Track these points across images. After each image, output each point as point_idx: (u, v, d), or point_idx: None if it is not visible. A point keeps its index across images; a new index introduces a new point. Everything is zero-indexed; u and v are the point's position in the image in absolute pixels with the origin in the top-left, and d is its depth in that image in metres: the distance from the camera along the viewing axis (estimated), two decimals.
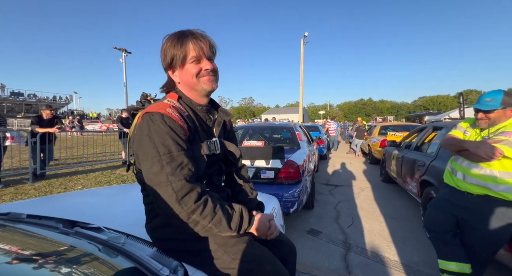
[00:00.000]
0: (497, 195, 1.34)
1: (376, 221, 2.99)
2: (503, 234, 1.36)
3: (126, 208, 1.23)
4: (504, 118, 1.38)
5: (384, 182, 4.82)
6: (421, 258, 2.15)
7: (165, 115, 0.70)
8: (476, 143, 1.35)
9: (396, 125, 8.67)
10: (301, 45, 17.02)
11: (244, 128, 5.01)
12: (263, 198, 1.73)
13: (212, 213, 0.68)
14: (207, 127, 0.85)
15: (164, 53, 0.78)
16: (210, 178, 0.86)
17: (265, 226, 0.83)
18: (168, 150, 0.68)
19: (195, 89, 0.80)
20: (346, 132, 15.51)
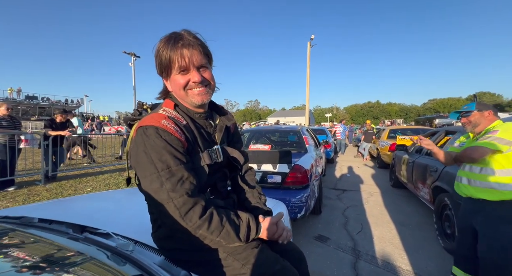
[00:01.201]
0: (500, 197, 1.36)
1: (386, 228, 2.90)
2: (506, 236, 1.33)
3: (134, 212, 1.23)
4: (486, 121, 1.51)
5: (394, 187, 4.70)
6: (435, 267, 2.06)
7: (159, 128, 0.67)
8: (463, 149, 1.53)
9: (406, 128, 8.48)
10: (307, 48, 16.99)
11: (251, 131, 5.01)
12: (270, 204, 1.70)
13: (220, 227, 0.66)
14: (207, 134, 0.82)
15: (155, 58, 0.73)
16: (214, 186, 0.84)
17: (273, 230, 0.80)
18: (167, 166, 0.65)
19: (185, 100, 0.77)
20: (354, 135, 15.29)
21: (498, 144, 1.34)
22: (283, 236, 0.82)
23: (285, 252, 0.89)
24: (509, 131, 1.35)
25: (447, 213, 2.38)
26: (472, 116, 1.54)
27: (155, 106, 0.85)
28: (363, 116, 63.31)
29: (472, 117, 1.54)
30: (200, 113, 0.81)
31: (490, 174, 1.39)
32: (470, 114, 1.54)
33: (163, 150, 0.65)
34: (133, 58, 18.29)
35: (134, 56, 18.26)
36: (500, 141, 1.34)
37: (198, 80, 0.72)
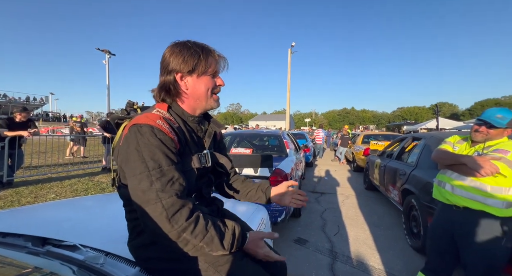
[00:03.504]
0: (484, 209, 1.37)
1: (361, 229, 3.04)
2: (495, 250, 1.36)
3: (107, 221, 1.14)
4: (499, 136, 1.44)
5: (368, 189, 4.96)
6: (404, 265, 2.20)
7: (155, 127, 0.66)
8: (474, 159, 1.36)
9: (378, 134, 9.06)
10: (288, 55, 17.47)
11: (232, 135, 4.97)
12: (251, 209, 1.70)
13: (204, 231, 0.64)
14: (198, 138, 0.82)
15: (182, 57, 0.73)
16: (199, 191, 0.83)
17: (259, 246, 0.79)
18: (158, 165, 0.64)
19: (201, 102, 0.79)
20: (331, 140, 15.94)
21: (507, 167, 1.30)
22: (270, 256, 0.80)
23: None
24: None
25: (414, 213, 2.57)
26: (496, 131, 1.41)
27: (145, 108, 0.85)
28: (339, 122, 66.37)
29: (495, 132, 1.41)
30: (194, 117, 0.81)
31: (479, 188, 1.38)
32: (496, 128, 1.40)
33: (157, 149, 0.65)
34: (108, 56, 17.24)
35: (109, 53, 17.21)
36: (510, 164, 1.30)
37: (224, 85, 0.82)
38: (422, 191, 2.41)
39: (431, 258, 1.67)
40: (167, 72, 0.75)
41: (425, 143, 2.84)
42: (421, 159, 2.74)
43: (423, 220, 2.31)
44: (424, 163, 2.66)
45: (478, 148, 1.48)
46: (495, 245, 1.35)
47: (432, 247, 1.67)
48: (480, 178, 1.37)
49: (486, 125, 1.43)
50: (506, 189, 1.35)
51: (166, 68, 0.75)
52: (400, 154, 3.60)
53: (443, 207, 1.62)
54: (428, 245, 1.72)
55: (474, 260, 1.41)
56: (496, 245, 1.35)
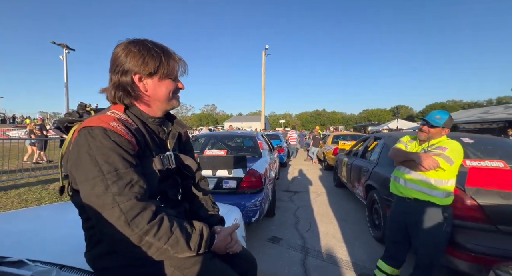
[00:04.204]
0: (430, 199, 1.58)
1: (331, 224, 3.22)
2: (439, 234, 1.55)
3: (61, 232, 1.04)
4: (439, 135, 1.65)
5: (337, 187, 5.27)
6: (368, 255, 2.39)
7: (108, 129, 0.63)
8: (420, 155, 1.57)
9: (347, 134, 9.69)
10: (262, 57, 17.76)
11: (207, 136, 4.88)
12: (225, 210, 1.69)
13: (169, 233, 0.63)
14: (159, 140, 0.80)
15: (142, 58, 0.70)
16: (164, 193, 0.80)
17: (227, 241, 0.81)
18: (114, 168, 0.61)
19: (162, 104, 0.77)
20: (304, 140, 16.56)
21: (445, 162, 1.51)
22: (234, 248, 0.83)
23: (238, 257, 0.90)
24: (456, 152, 1.54)
25: (375, 207, 2.81)
26: (435, 130, 1.62)
27: (99, 110, 0.80)
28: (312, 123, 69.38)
29: (435, 131, 1.63)
30: (155, 118, 0.79)
31: (426, 181, 1.57)
32: (435, 128, 1.62)
33: (111, 151, 0.62)
34: (65, 51, 15.56)
35: (67, 48, 15.54)
36: (448, 159, 1.51)
37: (184, 88, 0.83)
38: (382, 186, 2.64)
39: (389, 246, 1.85)
40: (122, 72, 0.71)
41: (384, 142, 3.13)
42: (381, 157, 3.01)
43: (383, 212, 2.54)
44: (384, 160, 2.92)
45: (425, 146, 1.70)
46: (439, 230, 1.56)
47: (389, 236, 1.86)
48: (425, 172, 1.57)
49: (428, 124, 1.65)
50: (445, 181, 1.56)
51: (121, 68, 0.71)
52: (364, 153, 3.90)
53: (397, 199, 1.82)
54: (386, 235, 1.90)
55: (423, 244, 1.60)
56: (439, 230, 1.56)
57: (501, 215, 1.59)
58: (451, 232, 1.59)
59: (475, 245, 1.54)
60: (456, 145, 1.58)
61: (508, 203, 1.59)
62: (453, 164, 1.53)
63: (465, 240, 1.58)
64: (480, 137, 2.69)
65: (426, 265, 1.60)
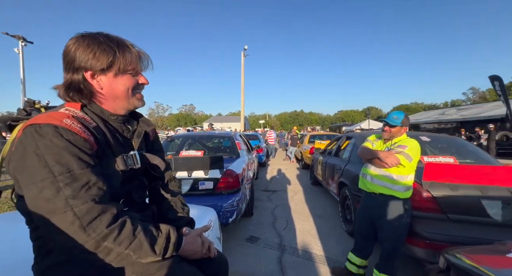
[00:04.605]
0: (392, 193, 1.72)
1: (307, 221, 3.33)
2: (400, 225, 1.70)
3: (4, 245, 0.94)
4: (399, 134, 1.81)
5: (313, 185, 5.47)
6: (340, 249, 2.52)
7: (60, 127, 0.58)
8: (383, 153, 1.73)
9: (323, 134, 10.10)
10: (241, 57, 17.75)
11: (183, 137, 4.75)
12: (199, 211, 1.66)
13: (131, 237, 0.60)
14: (124, 139, 0.76)
15: (93, 52, 0.64)
16: (129, 196, 0.77)
17: (197, 244, 0.79)
18: (67, 169, 0.56)
19: (122, 102, 0.72)
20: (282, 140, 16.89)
21: (405, 159, 1.66)
22: (205, 251, 0.81)
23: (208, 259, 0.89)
24: (415, 150, 1.69)
25: (347, 203, 2.97)
26: (395, 129, 1.78)
27: (51, 108, 0.73)
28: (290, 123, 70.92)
29: (394, 130, 1.78)
30: (117, 116, 0.74)
31: (389, 177, 1.71)
32: (394, 127, 1.78)
33: (64, 151, 0.57)
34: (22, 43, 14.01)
35: (23, 40, 14.00)
36: (407, 157, 1.66)
37: (147, 83, 0.76)
38: (353, 182, 2.80)
39: (358, 239, 1.97)
40: (73, 69, 0.66)
41: (355, 141, 3.32)
42: (352, 155, 3.19)
43: (354, 207, 2.69)
44: (354, 158, 3.10)
45: (388, 144, 1.84)
46: (400, 221, 1.70)
47: (358, 230, 1.98)
48: (388, 168, 1.71)
49: (388, 124, 1.81)
50: (405, 176, 1.71)
51: (72, 65, 0.66)
52: (337, 152, 4.10)
53: (365, 195, 1.95)
54: (355, 228, 2.02)
55: (387, 235, 1.73)
56: (401, 221, 1.70)
57: (451, 205, 1.79)
58: (410, 222, 1.75)
59: (430, 233, 1.71)
60: (414, 143, 1.74)
61: (456, 194, 1.79)
62: (412, 161, 1.68)
63: (421, 229, 1.74)
64: (435, 136, 2.99)
65: (390, 254, 1.73)
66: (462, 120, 16.38)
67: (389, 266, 1.73)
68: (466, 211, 1.76)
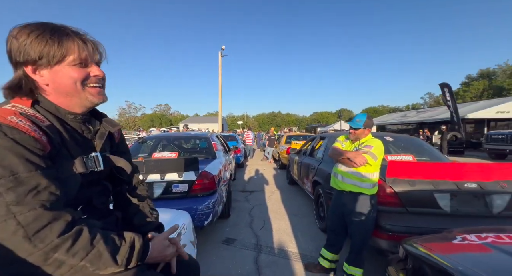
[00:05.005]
0: (361, 190, 1.84)
1: (283, 220, 3.40)
2: (367, 220, 1.82)
3: None
4: (364, 135, 1.93)
5: (290, 184, 5.60)
6: (314, 246, 2.61)
7: (4, 124, 0.53)
8: (352, 153, 1.84)
9: (299, 135, 10.41)
10: (219, 58, 17.56)
11: (157, 138, 4.54)
12: (172, 215, 1.60)
13: (88, 247, 0.55)
14: (83, 139, 0.70)
15: (24, 43, 0.58)
16: (89, 201, 0.71)
17: (165, 248, 0.75)
18: (11, 172, 0.51)
19: (74, 98, 0.66)
20: (260, 141, 17.04)
21: (371, 159, 1.78)
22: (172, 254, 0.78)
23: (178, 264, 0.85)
24: (379, 149, 1.83)
25: (321, 200, 3.10)
26: (358, 131, 1.91)
27: None
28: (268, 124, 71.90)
29: (358, 132, 1.91)
30: (76, 115, 0.68)
31: (357, 175, 1.83)
32: (358, 128, 1.90)
33: (7, 151, 0.51)
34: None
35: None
36: (373, 156, 1.78)
37: (102, 75, 0.68)
38: (326, 181, 2.93)
39: (330, 235, 2.07)
40: (14, 64, 0.61)
41: (327, 141, 3.48)
42: (325, 154, 3.33)
43: (327, 205, 2.82)
44: (327, 158, 3.24)
45: (356, 144, 1.96)
46: (368, 216, 1.82)
47: (330, 226, 2.08)
48: (357, 167, 1.82)
49: (352, 128, 1.94)
50: (372, 174, 1.84)
51: (12, 60, 0.61)
52: (311, 152, 4.25)
53: (336, 193, 2.05)
54: (327, 225, 2.12)
55: (356, 230, 1.85)
56: (368, 216, 1.82)
57: (409, 199, 1.97)
58: (376, 216, 1.88)
59: (391, 225, 1.86)
60: (379, 143, 1.88)
61: (414, 189, 1.98)
62: (377, 160, 1.82)
63: (385, 222, 1.89)
64: (397, 136, 3.27)
65: (359, 248, 1.85)
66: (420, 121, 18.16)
67: (357, 258, 1.85)
68: (422, 204, 1.96)
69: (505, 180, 1.91)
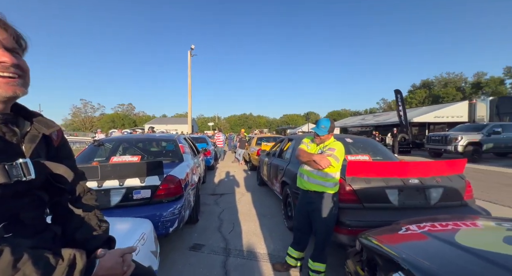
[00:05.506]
0: (324, 190, 1.94)
1: (252, 221, 3.41)
2: (330, 217, 1.92)
3: None
4: (328, 138, 2.05)
5: (260, 185, 5.66)
6: (282, 245, 2.67)
7: None
8: (318, 156, 1.93)
9: (269, 136, 10.61)
10: (188, 57, 16.97)
11: (116, 141, 4.16)
12: (130, 225, 1.48)
13: (9, 271, 0.47)
14: (5, 144, 0.60)
15: None
16: (15, 217, 0.61)
17: (116, 266, 0.69)
18: None
19: None
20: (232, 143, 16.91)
21: (334, 161, 1.89)
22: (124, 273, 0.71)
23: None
24: (341, 151, 1.95)
25: (289, 200, 3.20)
26: (324, 136, 2.01)
27: None
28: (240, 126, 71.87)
29: (324, 137, 2.02)
30: None
31: (322, 176, 1.93)
32: (323, 134, 2.01)
33: None
34: None
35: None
36: (336, 158, 1.90)
37: (10, 62, 0.58)
38: (294, 181, 3.03)
39: (296, 234, 2.15)
40: None
41: (295, 143, 3.62)
42: (293, 156, 3.46)
43: (294, 204, 2.91)
44: (295, 159, 3.37)
45: (321, 147, 2.07)
46: (330, 213, 1.94)
47: (296, 225, 2.15)
48: (321, 169, 1.93)
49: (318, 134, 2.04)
50: (334, 174, 1.97)
51: None
52: (280, 153, 4.37)
53: (302, 193, 2.14)
54: (294, 224, 2.19)
55: (320, 226, 1.95)
56: (330, 213, 1.94)
57: (365, 196, 2.15)
58: (337, 213, 2.01)
59: (350, 220, 2.01)
60: (340, 145, 2.02)
61: (369, 186, 2.17)
62: (339, 161, 1.95)
63: (344, 218, 2.03)
64: (356, 138, 3.56)
65: (322, 244, 1.95)
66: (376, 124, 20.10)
67: (321, 254, 1.95)
68: (376, 199, 2.16)
69: (439, 176, 2.23)
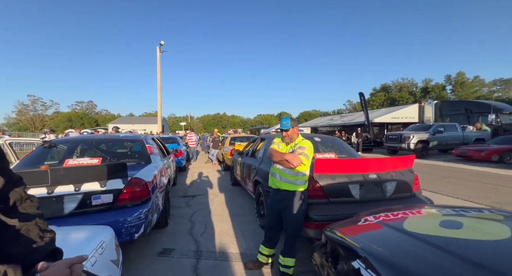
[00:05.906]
0: (295, 188, 2.00)
1: (225, 222, 3.38)
2: (299, 213, 1.99)
3: None
4: (295, 134, 2.07)
5: (234, 185, 5.63)
6: (254, 243, 2.70)
7: None
8: (289, 155, 1.96)
9: (243, 136, 10.62)
10: (157, 53, 16.09)
11: (73, 142, 3.75)
12: (85, 233, 1.36)
13: None
14: None
15: None
16: None
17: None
18: None
19: None
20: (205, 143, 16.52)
21: (305, 159, 1.94)
22: None
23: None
24: (310, 150, 1.99)
25: (261, 199, 3.24)
26: (289, 132, 2.04)
27: None
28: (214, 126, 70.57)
29: (290, 132, 2.04)
30: None
31: (293, 174, 1.98)
32: (289, 130, 2.04)
33: None
34: None
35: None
36: (306, 156, 1.95)
37: None
38: (266, 180, 3.08)
39: (267, 232, 2.18)
40: None
41: (267, 142, 3.68)
42: (265, 155, 3.51)
43: (266, 203, 2.97)
44: (267, 158, 3.43)
45: (291, 145, 2.13)
46: (299, 209, 2.01)
47: (267, 223, 2.19)
48: (294, 167, 1.98)
49: (283, 130, 2.10)
50: (304, 172, 2.04)
51: None
52: (253, 152, 4.41)
53: (273, 191, 2.18)
54: (265, 221, 2.23)
55: (290, 223, 2.01)
56: (300, 209, 2.01)
57: (331, 191, 2.29)
58: (306, 209, 2.10)
59: (317, 215, 2.12)
60: (309, 144, 2.10)
61: (334, 182, 2.31)
62: (309, 159, 2.03)
63: (312, 213, 2.14)
64: (324, 137, 3.76)
65: (292, 239, 2.02)
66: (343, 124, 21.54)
67: (291, 250, 2.01)
68: (340, 194, 2.31)
69: (393, 170, 2.48)
